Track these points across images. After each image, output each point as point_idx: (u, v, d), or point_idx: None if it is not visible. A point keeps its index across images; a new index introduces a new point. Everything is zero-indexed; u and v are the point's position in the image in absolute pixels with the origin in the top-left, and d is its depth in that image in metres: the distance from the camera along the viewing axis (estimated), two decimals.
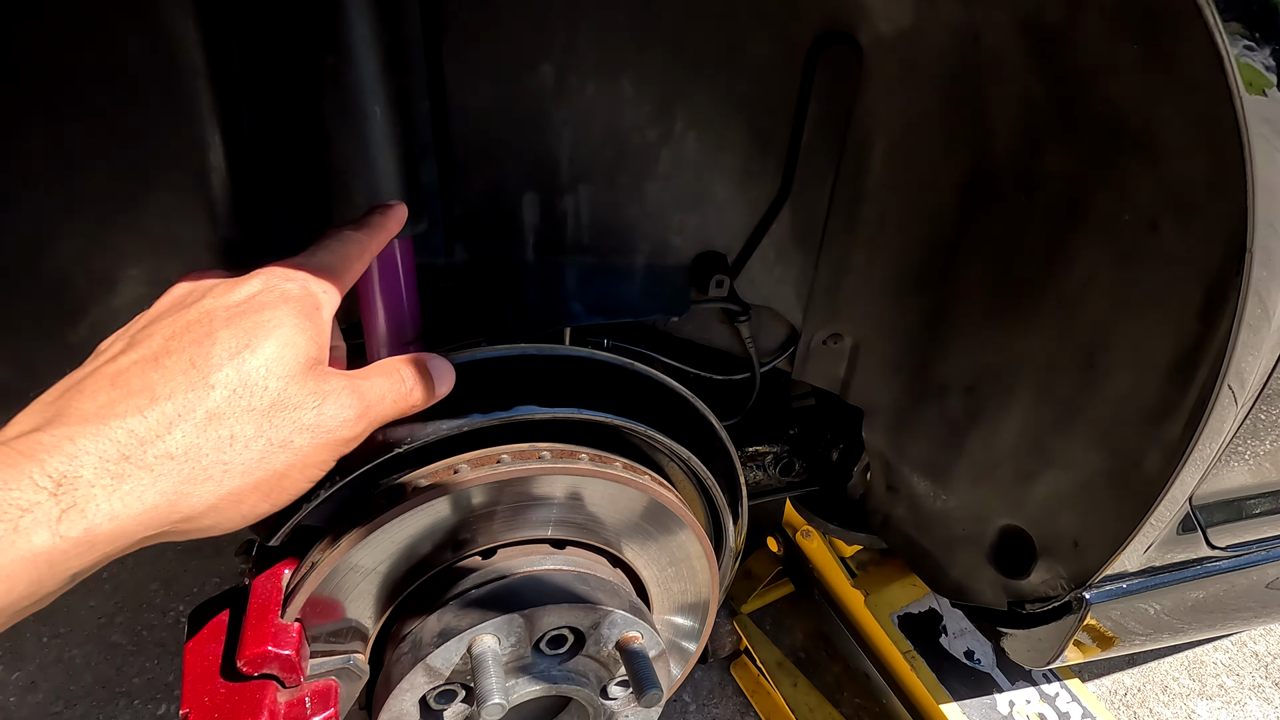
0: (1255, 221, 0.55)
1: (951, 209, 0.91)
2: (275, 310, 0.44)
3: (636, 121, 0.86)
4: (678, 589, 0.76)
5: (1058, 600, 0.91)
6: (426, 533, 0.62)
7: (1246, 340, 0.62)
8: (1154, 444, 0.75)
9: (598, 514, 0.69)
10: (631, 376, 0.72)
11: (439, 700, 0.61)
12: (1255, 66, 0.54)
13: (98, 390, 0.38)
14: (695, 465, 0.74)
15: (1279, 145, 0.54)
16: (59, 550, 0.33)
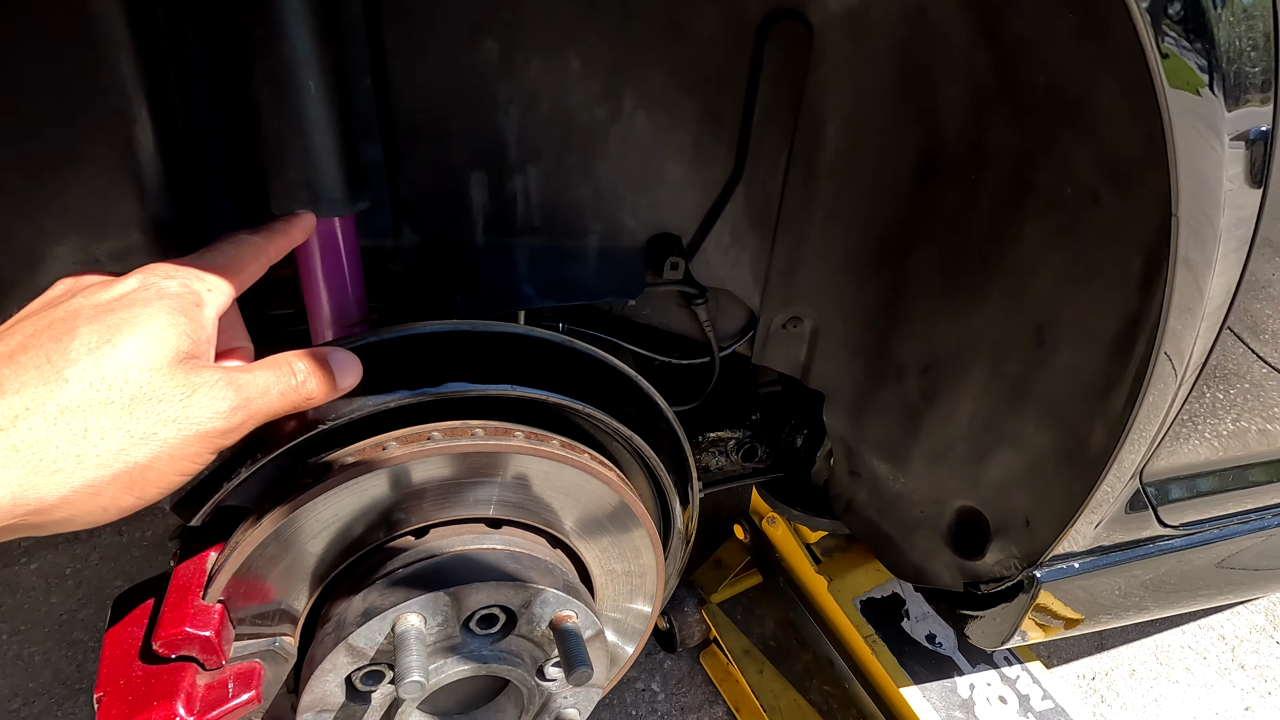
0: (1179, 190, 0.55)
1: (906, 188, 0.90)
2: (146, 307, 0.43)
3: (584, 99, 0.84)
4: (621, 570, 0.75)
5: (1010, 580, 0.91)
6: (356, 512, 0.61)
7: (1179, 309, 0.62)
8: (1099, 419, 0.75)
9: (535, 493, 0.68)
10: (572, 355, 0.70)
11: (366, 681, 0.59)
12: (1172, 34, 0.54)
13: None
14: (637, 444, 0.73)
15: (1195, 115, 0.54)
16: None
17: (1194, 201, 0.56)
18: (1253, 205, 0.62)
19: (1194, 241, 0.59)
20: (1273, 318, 0.80)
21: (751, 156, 0.93)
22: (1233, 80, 0.56)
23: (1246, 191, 0.61)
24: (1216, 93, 0.55)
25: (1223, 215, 0.58)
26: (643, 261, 0.97)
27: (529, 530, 0.69)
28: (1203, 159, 0.56)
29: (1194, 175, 0.56)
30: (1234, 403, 0.87)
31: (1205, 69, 0.55)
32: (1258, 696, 1.60)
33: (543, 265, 0.94)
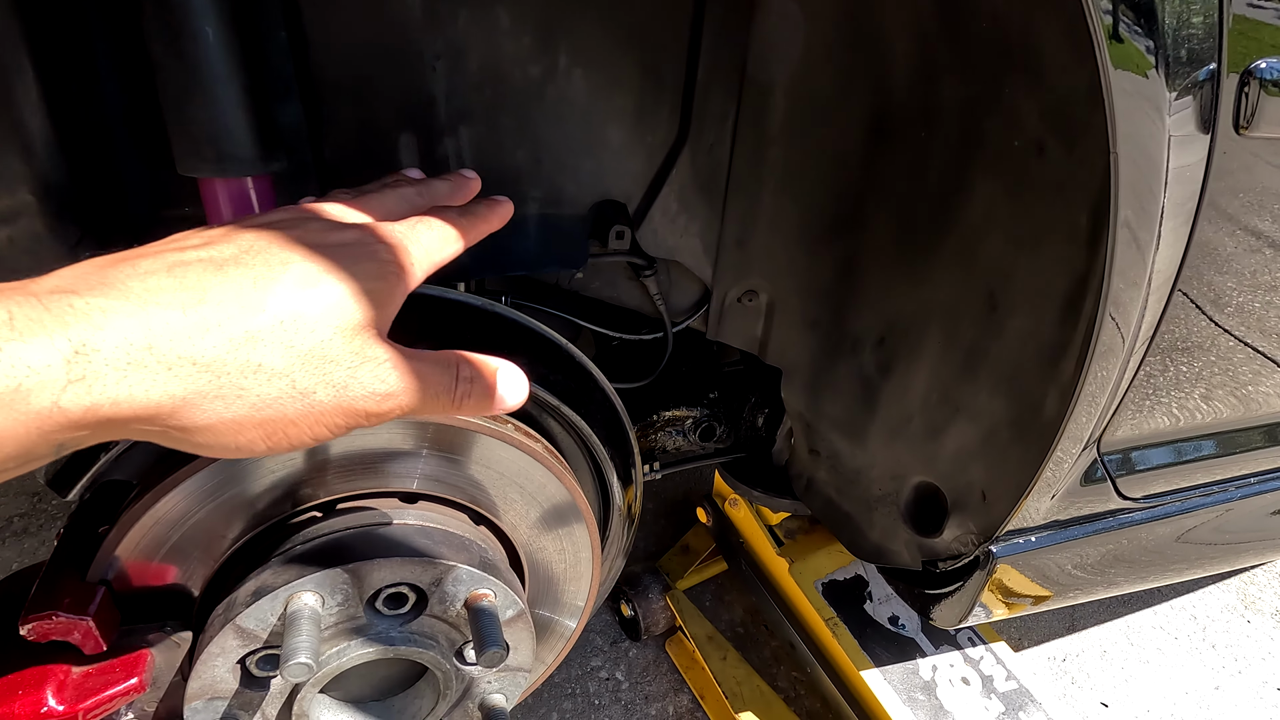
0: (1117, 129, 0.52)
1: (857, 151, 0.87)
2: (358, 262, 0.42)
3: (516, 56, 0.80)
4: (554, 549, 0.71)
5: (968, 557, 0.88)
6: (255, 485, 0.57)
7: (1123, 266, 0.59)
8: (1051, 385, 0.72)
9: (456, 467, 0.64)
10: (495, 320, 0.66)
11: (262, 666, 0.55)
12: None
13: (151, 272, 0.36)
14: (566, 415, 0.69)
15: (1135, 55, 0.50)
16: (53, 420, 0.31)
17: (1134, 146, 0.53)
18: (1199, 157, 0.59)
19: (1133, 198, 0.56)
20: (1236, 290, 0.78)
21: (696, 119, 0.89)
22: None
23: (1196, 138, 0.58)
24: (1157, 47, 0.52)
25: (1166, 160, 0.54)
26: (586, 231, 0.93)
27: (449, 506, 0.65)
28: (1142, 101, 0.53)
29: (1131, 118, 0.52)
30: (1197, 375, 0.84)
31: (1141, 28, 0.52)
32: (1228, 675, 1.59)
33: None
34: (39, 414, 0.30)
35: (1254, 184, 0.63)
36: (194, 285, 0.36)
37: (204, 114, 0.67)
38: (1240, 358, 0.86)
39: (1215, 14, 0.51)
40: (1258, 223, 0.69)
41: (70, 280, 0.34)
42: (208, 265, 0.37)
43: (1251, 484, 0.98)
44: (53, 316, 0.31)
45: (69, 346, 0.31)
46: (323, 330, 0.38)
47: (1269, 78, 0.54)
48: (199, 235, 0.41)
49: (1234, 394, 0.88)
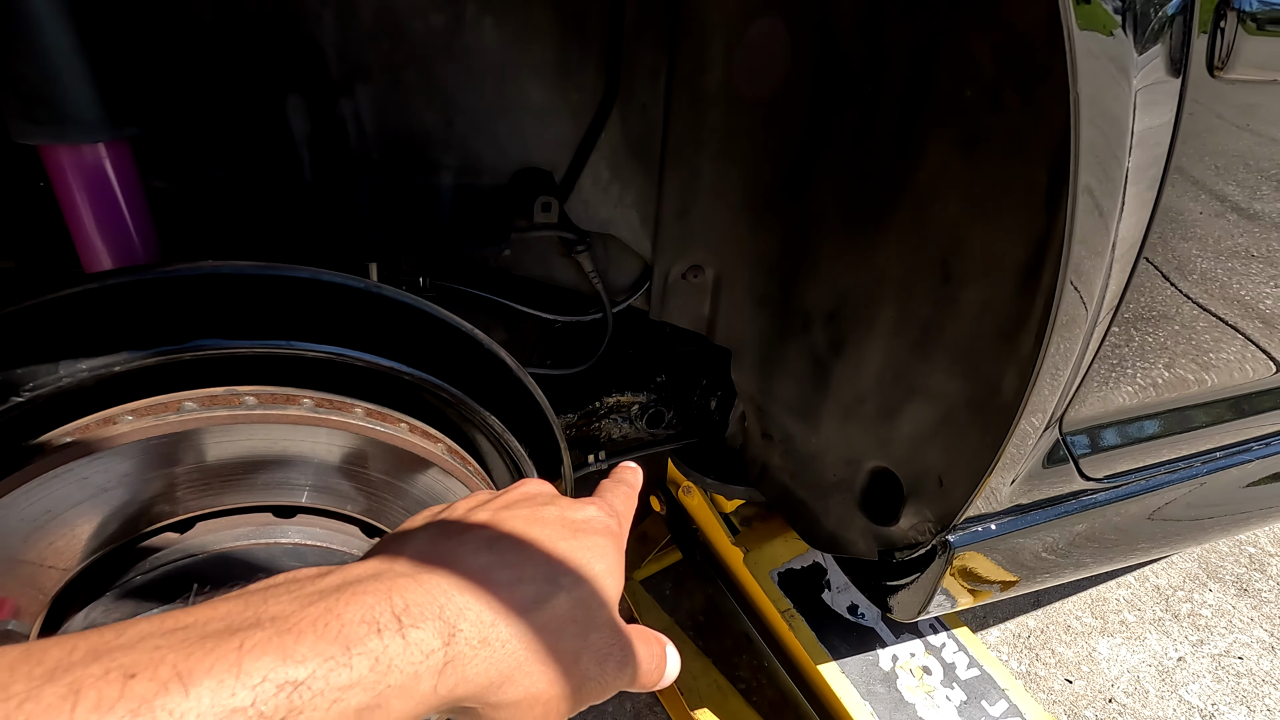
0: (1078, 71, 0.45)
1: (803, 109, 0.79)
2: (607, 540, 0.42)
3: (416, 3, 0.71)
4: None
5: (925, 546, 0.82)
6: (83, 506, 0.48)
7: (1085, 230, 0.52)
8: (1009, 362, 0.66)
9: (345, 476, 0.56)
10: (381, 304, 0.58)
11: None
12: None
13: (478, 550, 0.37)
14: (471, 408, 0.61)
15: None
16: (428, 703, 0.31)
17: (1096, 93, 0.46)
18: (1170, 104, 0.52)
19: (1097, 164, 0.49)
20: (1199, 257, 0.72)
21: (626, 74, 0.80)
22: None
23: (1166, 83, 0.51)
24: None
25: (1134, 106, 0.48)
26: (508, 202, 0.85)
27: (336, 519, 0.57)
28: (1104, 34, 0.46)
29: (1093, 58, 0.45)
30: (1161, 348, 0.79)
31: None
32: (1190, 646, 1.59)
33: (388, 207, 0.81)
34: (424, 699, 0.30)
35: (1228, 135, 0.57)
36: (512, 562, 0.37)
37: (33, 70, 0.57)
38: (1204, 328, 0.81)
39: None
40: (1228, 181, 0.62)
41: (417, 557, 0.35)
42: (514, 542, 0.38)
43: (1218, 459, 0.94)
44: (431, 599, 0.32)
45: (446, 630, 0.31)
46: (595, 608, 0.38)
47: (1248, 9, 0.47)
48: (481, 505, 0.42)
49: (1200, 367, 0.83)
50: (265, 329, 0.52)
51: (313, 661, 0.26)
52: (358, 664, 0.27)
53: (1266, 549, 1.88)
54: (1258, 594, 1.74)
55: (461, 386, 0.62)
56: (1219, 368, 0.84)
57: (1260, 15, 0.48)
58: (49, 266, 0.78)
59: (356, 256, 0.82)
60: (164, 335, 0.50)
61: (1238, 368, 0.87)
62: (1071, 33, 0.45)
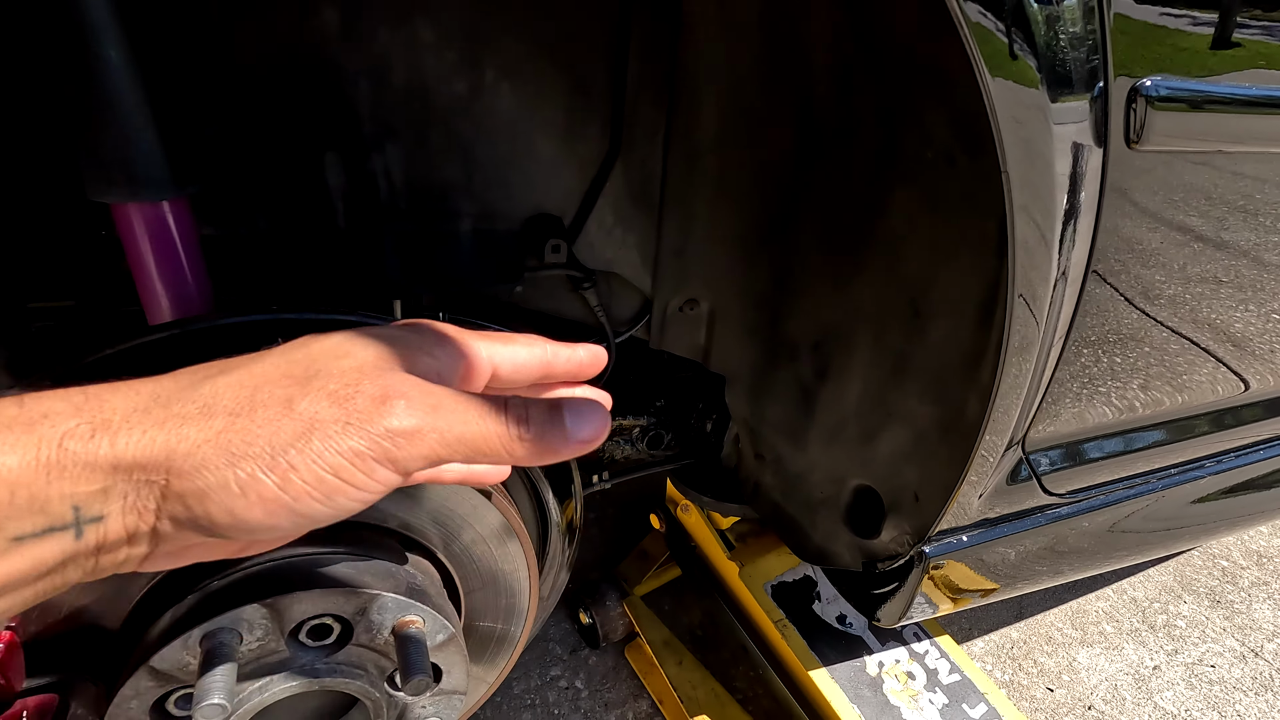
0: (1005, 148, 0.54)
1: (787, 160, 0.88)
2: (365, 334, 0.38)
3: (441, 71, 0.80)
4: (488, 570, 0.71)
5: (904, 557, 0.90)
6: None
7: (1027, 270, 0.61)
8: (971, 389, 0.74)
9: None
10: None
11: (182, 705, 0.54)
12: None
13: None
14: None
15: (1012, 69, 0.52)
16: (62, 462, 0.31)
17: (1028, 160, 0.55)
18: (1095, 167, 0.61)
19: (1034, 208, 0.58)
20: (1142, 290, 0.80)
21: (628, 131, 0.89)
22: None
23: (1090, 152, 0.60)
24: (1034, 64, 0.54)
25: (1058, 175, 0.57)
26: (522, 245, 0.93)
27: (376, 532, 0.65)
28: (1034, 115, 0.55)
29: (1021, 132, 0.54)
30: (1112, 373, 0.87)
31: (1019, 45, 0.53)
32: (1165, 655, 1.66)
33: (413, 251, 0.89)
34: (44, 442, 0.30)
35: (1148, 190, 0.66)
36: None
37: (111, 138, 0.65)
38: (1152, 355, 0.89)
39: (1097, 31, 0.53)
40: (1154, 227, 0.71)
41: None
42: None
43: (1173, 475, 1.02)
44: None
45: (81, 398, 0.32)
46: (320, 358, 0.35)
47: (1155, 95, 0.56)
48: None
49: (1149, 390, 0.92)
50: None
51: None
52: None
53: (1238, 562, 1.96)
54: (1230, 605, 1.81)
55: None
56: (1173, 390, 0.92)
57: (1164, 99, 0.57)
58: (104, 306, 0.85)
59: (383, 295, 0.90)
60: None
61: (1191, 389, 0.96)
62: (996, 114, 0.54)
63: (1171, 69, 0.57)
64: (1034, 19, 0.50)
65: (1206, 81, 0.60)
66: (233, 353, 0.38)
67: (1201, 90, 0.59)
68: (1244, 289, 0.86)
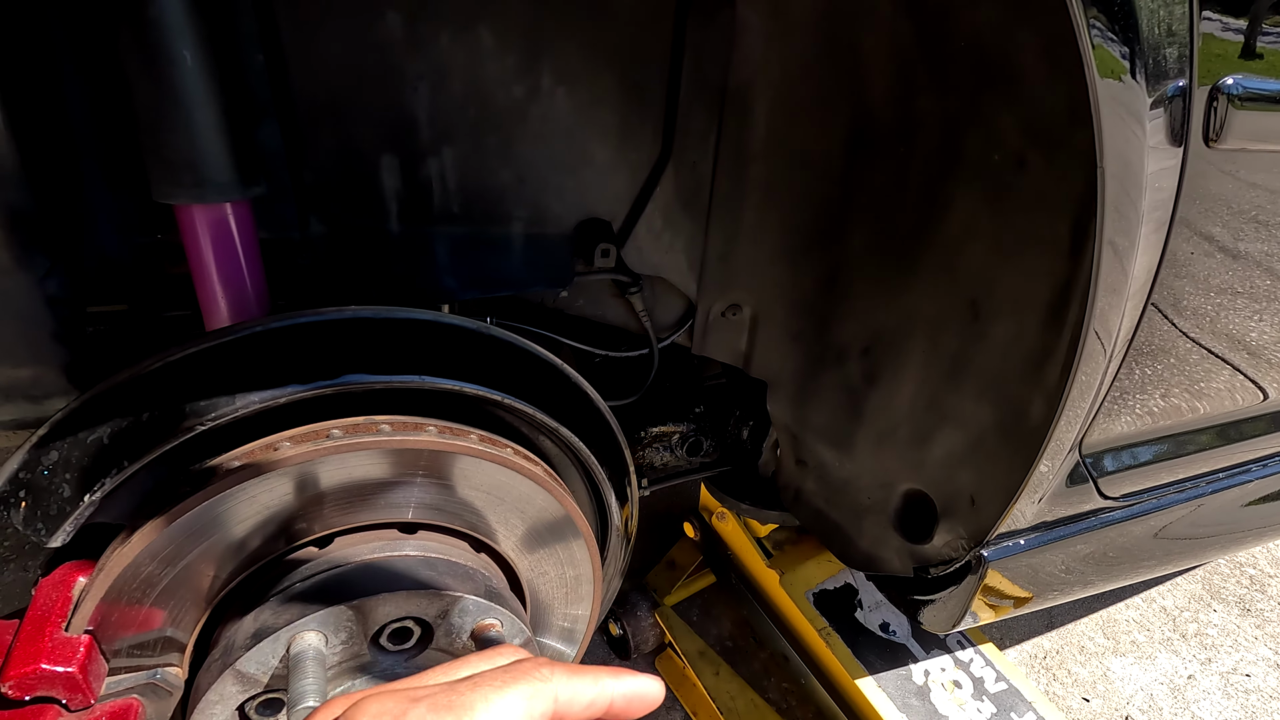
0: (1104, 143, 0.54)
1: (838, 165, 0.88)
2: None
3: (500, 76, 0.80)
4: (555, 574, 0.70)
5: (959, 561, 0.89)
6: (248, 522, 0.55)
7: (1106, 274, 0.61)
8: (1036, 391, 0.74)
9: (454, 494, 0.62)
10: (489, 342, 0.65)
11: (262, 711, 0.53)
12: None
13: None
14: (565, 436, 0.69)
15: (1120, 68, 0.52)
16: None
17: (1114, 157, 0.55)
18: (1174, 166, 0.61)
19: (1118, 220, 0.58)
20: (1203, 296, 0.81)
21: (679, 137, 0.89)
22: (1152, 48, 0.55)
23: (1169, 151, 0.60)
24: (1138, 62, 0.54)
25: (1146, 172, 0.57)
26: (571, 249, 0.93)
27: (449, 534, 0.64)
28: (1126, 114, 0.55)
29: (1118, 134, 0.55)
30: (1168, 376, 0.87)
31: (1125, 46, 0.53)
32: (1199, 664, 1.64)
33: (464, 255, 0.89)
34: None
35: (1222, 193, 0.66)
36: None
37: (181, 139, 0.65)
38: (1205, 359, 0.89)
39: (1187, 33, 0.53)
40: (1226, 230, 0.72)
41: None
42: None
43: (1220, 479, 1.02)
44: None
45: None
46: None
47: (1235, 93, 0.57)
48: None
49: (1202, 393, 0.91)
50: (394, 365, 0.60)
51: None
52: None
53: (1266, 570, 1.94)
54: (1260, 613, 1.80)
55: (552, 415, 0.69)
56: (1221, 396, 0.92)
57: (1245, 95, 0.57)
58: (157, 310, 0.85)
59: (434, 298, 0.90)
60: (315, 372, 0.57)
61: (1237, 395, 0.96)
62: (1099, 104, 0.54)
63: (1251, 69, 0.57)
64: (1140, 16, 0.50)
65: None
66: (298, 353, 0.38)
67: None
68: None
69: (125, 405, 0.54)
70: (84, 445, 0.53)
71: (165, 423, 0.53)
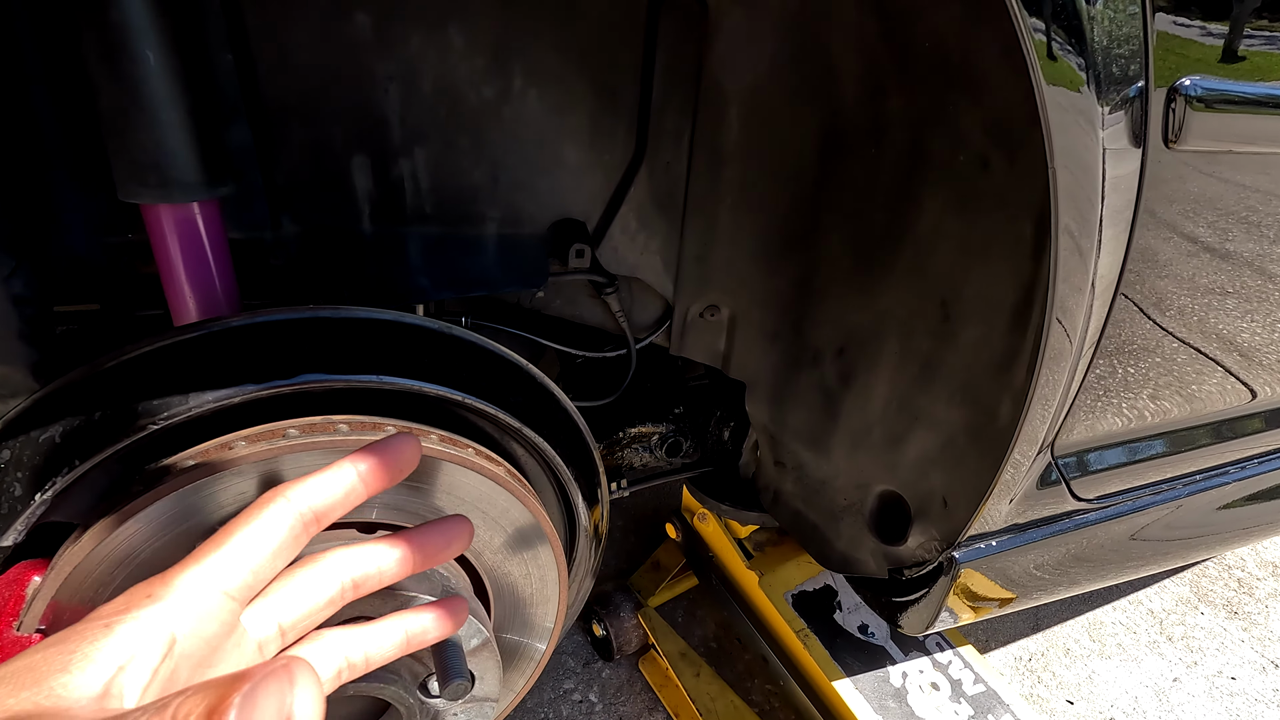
0: (1054, 144, 0.54)
1: (812, 166, 0.88)
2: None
3: (470, 77, 0.80)
4: (519, 574, 0.70)
5: (932, 563, 0.89)
6: (203, 521, 0.54)
7: (1067, 273, 0.61)
8: (1004, 392, 0.74)
9: (414, 494, 0.62)
10: (452, 343, 0.65)
11: None
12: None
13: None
14: (528, 436, 0.68)
15: (1070, 75, 0.52)
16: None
17: (1071, 159, 0.55)
18: (1133, 168, 0.61)
19: (1073, 208, 0.58)
20: (1175, 293, 0.81)
21: (653, 138, 0.89)
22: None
23: (1128, 152, 0.60)
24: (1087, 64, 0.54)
25: (1101, 173, 0.57)
26: (546, 250, 0.93)
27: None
28: (1077, 116, 0.55)
29: (1066, 132, 0.55)
30: (1143, 376, 0.87)
31: (1072, 46, 0.54)
32: (1184, 667, 1.64)
33: (438, 255, 0.89)
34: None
35: (1185, 192, 0.66)
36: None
37: (146, 138, 0.65)
38: (1183, 358, 0.89)
39: (1140, 33, 0.53)
40: (1191, 228, 0.72)
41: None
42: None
43: (1198, 480, 1.02)
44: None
45: None
46: None
47: (1193, 94, 0.57)
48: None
49: (1179, 393, 0.91)
50: (354, 364, 0.60)
51: None
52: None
53: (1254, 572, 1.94)
54: (1248, 616, 1.80)
55: (516, 415, 0.69)
56: (1198, 396, 0.92)
57: (1204, 98, 0.57)
58: (128, 310, 0.85)
59: (407, 299, 0.90)
60: (273, 371, 0.57)
61: (1217, 396, 0.96)
62: (1046, 107, 0.54)
63: (1208, 70, 0.57)
64: (1084, 19, 0.50)
65: (1240, 83, 0.61)
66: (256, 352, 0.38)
67: (1237, 91, 0.60)
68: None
69: (79, 404, 0.54)
70: (36, 444, 0.53)
71: (119, 421, 0.53)
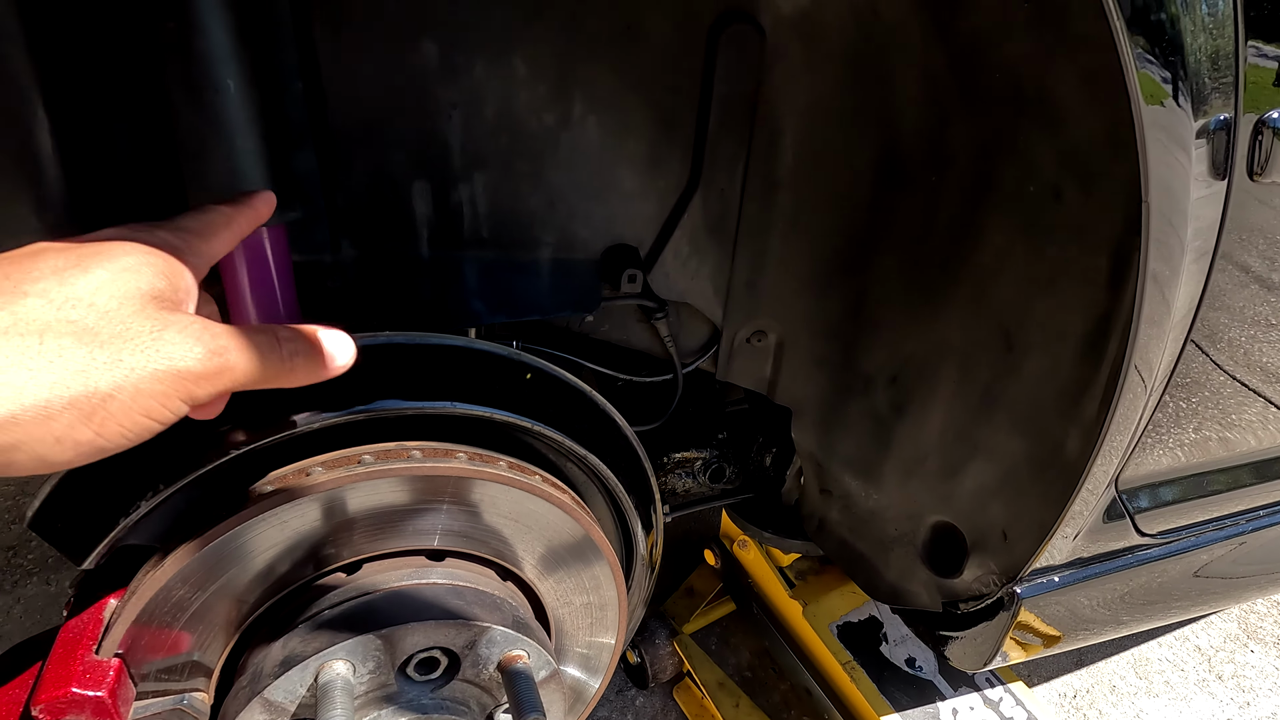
0: (1149, 177, 0.53)
1: (866, 193, 0.88)
2: (120, 243, 0.40)
3: (532, 104, 0.81)
4: (580, 602, 0.69)
5: (990, 597, 0.87)
6: (278, 547, 0.55)
7: (1150, 310, 0.59)
8: (1072, 425, 0.72)
9: (482, 521, 0.62)
10: (520, 369, 0.65)
11: None
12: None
13: None
14: (593, 463, 0.68)
15: (1163, 98, 0.52)
16: None
17: (1163, 191, 0.54)
18: (1217, 200, 0.60)
19: (1161, 251, 0.57)
20: (1243, 331, 0.79)
21: (708, 164, 0.90)
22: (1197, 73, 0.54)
23: (1213, 184, 0.59)
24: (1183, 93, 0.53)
25: (1191, 202, 0.56)
26: (599, 274, 0.93)
27: (476, 562, 0.63)
28: (1171, 143, 0.54)
29: (1163, 163, 0.54)
30: (1208, 411, 0.85)
31: (1170, 75, 0.53)
32: (1237, 707, 1.58)
33: (493, 279, 0.90)
34: None
35: (1266, 225, 0.65)
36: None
37: (222, 165, 0.66)
38: (1242, 392, 0.87)
39: (1234, 62, 0.52)
40: (1266, 263, 0.70)
41: None
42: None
43: (1262, 516, 0.99)
44: None
45: None
46: (103, 301, 0.36)
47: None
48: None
49: (1243, 429, 0.89)
50: (433, 391, 0.60)
51: None
52: None
53: None
54: None
55: (581, 442, 0.69)
56: (1263, 433, 0.90)
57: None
58: None
59: (461, 322, 0.90)
60: (348, 397, 0.57)
61: (1277, 430, 0.93)
62: (1144, 135, 0.53)
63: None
64: (1188, 49, 0.50)
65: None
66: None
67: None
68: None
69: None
70: (118, 467, 0.53)
71: (200, 446, 0.53)
